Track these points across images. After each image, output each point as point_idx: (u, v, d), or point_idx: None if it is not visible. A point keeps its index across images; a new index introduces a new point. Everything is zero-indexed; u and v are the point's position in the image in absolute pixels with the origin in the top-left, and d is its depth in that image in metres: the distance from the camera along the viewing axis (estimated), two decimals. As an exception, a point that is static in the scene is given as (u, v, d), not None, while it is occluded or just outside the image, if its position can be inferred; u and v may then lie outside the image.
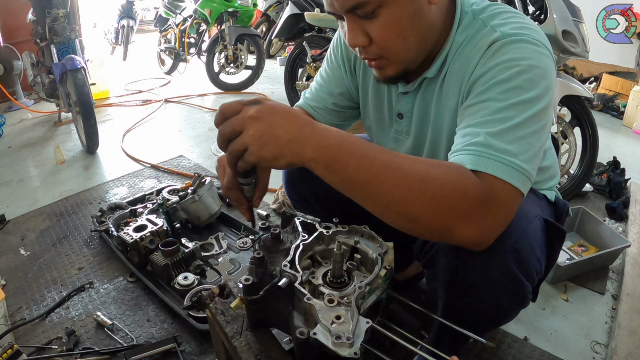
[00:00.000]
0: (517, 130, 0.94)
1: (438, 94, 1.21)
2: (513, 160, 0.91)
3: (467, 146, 0.96)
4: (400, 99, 1.32)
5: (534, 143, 0.96)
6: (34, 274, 2.18)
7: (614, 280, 2.22)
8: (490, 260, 1.01)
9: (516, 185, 0.91)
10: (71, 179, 3.24)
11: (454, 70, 1.14)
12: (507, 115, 0.95)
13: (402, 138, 1.39)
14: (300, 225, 1.20)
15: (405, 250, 1.99)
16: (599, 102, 5.61)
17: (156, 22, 6.86)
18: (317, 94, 1.51)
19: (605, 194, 3.15)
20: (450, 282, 1.09)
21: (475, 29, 1.11)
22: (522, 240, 1.05)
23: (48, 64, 3.94)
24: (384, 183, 0.88)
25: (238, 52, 5.48)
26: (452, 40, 1.14)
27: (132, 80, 6.12)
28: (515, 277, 1.04)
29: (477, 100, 1.02)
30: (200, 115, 4.78)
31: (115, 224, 2.30)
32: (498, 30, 1.05)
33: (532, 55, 1.00)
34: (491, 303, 1.08)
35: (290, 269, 1.02)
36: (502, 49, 1.02)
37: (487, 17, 1.11)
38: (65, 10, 3.66)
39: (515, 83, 0.97)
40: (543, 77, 0.99)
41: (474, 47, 1.09)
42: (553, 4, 2.80)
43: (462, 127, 1.02)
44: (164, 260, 2.00)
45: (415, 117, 1.30)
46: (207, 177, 2.50)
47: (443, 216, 0.88)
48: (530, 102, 0.96)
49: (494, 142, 0.93)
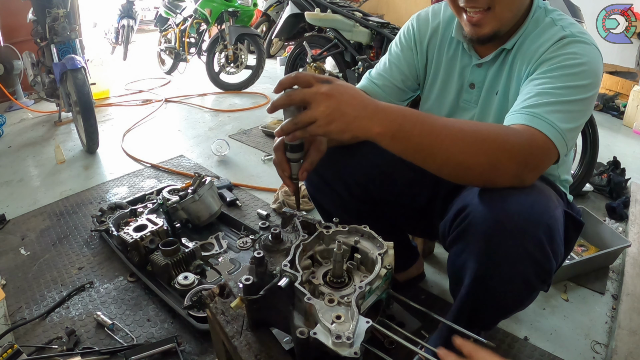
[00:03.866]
0: (567, 105, 1.14)
1: (510, 67, 1.37)
2: (556, 124, 1.10)
3: (523, 108, 1.16)
4: (474, 71, 1.47)
5: (577, 119, 1.16)
6: (34, 273, 2.18)
7: (614, 280, 2.22)
8: (527, 232, 1.08)
9: (554, 141, 1.10)
10: (71, 179, 3.24)
11: (525, 50, 1.32)
12: (561, 92, 1.15)
13: (470, 107, 1.51)
14: (301, 225, 1.20)
15: (407, 250, 2.01)
16: (599, 102, 5.61)
17: (156, 21, 6.85)
18: (386, 74, 1.62)
19: (606, 194, 3.15)
20: (486, 250, 1.12)
21: (546, 22, 1.32)
22: (553, 220, 1.12)
23: (48, 64, 3.93)
24: (443, 141, 1.05)
25: (238, 52, 5.48)
26: (528, 23, 1.34)
27: (132, 80, 6.12)
28: (546, 253, 1.11)
29: (541, 76, 1.21)
30: (200, 115, 4.78)
31: (115, 223, 2.30)
32: (567, 30, 1.26)
33: (591, 55, 1.21)
34: (521, 277, 1.14)
35: (291, 268, 1.02)
36: (570, 44, 1.22)
37: (556, 18, 1.32)
38: (66, 10, 3.65)
39: (574, 70, 1.18)
40: (595, 74, 1.20)
41: (545, 35, 1.28)
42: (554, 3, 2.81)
43: (524, 93, 1.21)
44: (164, 260, 2.00)
45: (485, 87, 1.45)
46: (207, 177, 2.50)
47: (492, 159, 1.06)
48: (582, 87, 1.17)
49: (545, 109, 1.13)
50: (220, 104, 5.21)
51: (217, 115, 4.80)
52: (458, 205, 1.21)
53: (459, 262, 1.22)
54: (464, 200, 1.19)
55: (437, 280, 2.16)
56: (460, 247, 1.20)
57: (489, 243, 1.11)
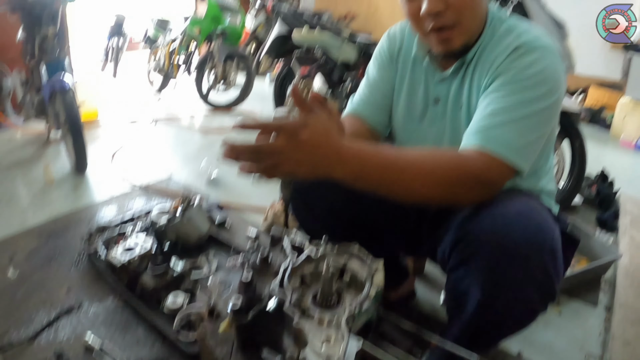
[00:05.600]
0: (523, 120, 1.19)
1: (470, 79, 1.39)
2: (512, 143, 1.17)
3: (478, 129, 1.22)
4: (437, 85, 1.49)
5: (535, 130, 1.22)
6: (22, 295, 2.16)
7: (607, 292, 2.24)
8: (532, 257, 1.11)
9: (511, 160, 1.17)
10: (60, 199, 3.22)
11: (484, 60, 1.35)
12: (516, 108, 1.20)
13: (438, 122, 1.52)
14: (290, 245, 1.20)
15: (397, 269, 2.02)
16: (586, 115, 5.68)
17: (145, 40, 6.87)
18: (368, 93, 1.66)
19: (595, 206, 3.20)
20: (492, 278, 1.14)
21: (502, 31, 1.35)
22: (555, 243, 1.16)
23: (37, 83, 3.93)
24: (404, 179, 1.12)
25: (227, 71, 5.51)
26: (485, 34, 1.37)
27: (122, 100, 6.10)
28: (549, 276, 1.15)
29: (497, 91, 1.26)
30: (189, 135, 4.79)
31: (104, 244, 2.29)
32: (523, 38, 1.29)
33: (547, 60, 1.24)
34: (525, 301, 1.17)
35: (280, 290, 1.02)
36: (525, 54, 1.25)
37: (512, 25, 1.36)
38: (55, 29, 3.66)
39: (530, 82, 1.22)
40: (553, 78, 1.23)
41: (502, 44, 1.31)
42: (538, 19, 2.86)
43: (480, 110, 1.27)
44: (153, 282, 1.98)
45: (450, 101, 1.46)
46: (197, 197, 2.49)
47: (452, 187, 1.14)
48: (539, 98, 1.21)
49: (500, 129, 1.19)
50: (210, 123, 5.22)
51: (206, 134, 4.80)
52: (458, 230, 1.23)
53: (461, 287, 1.23)
54: (465, 226, 1.21)
55: (429, 299, 2.16)
56: (463, 273, 1.21)
57: (494, 270, 1.13)
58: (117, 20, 7.09)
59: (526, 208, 1.19)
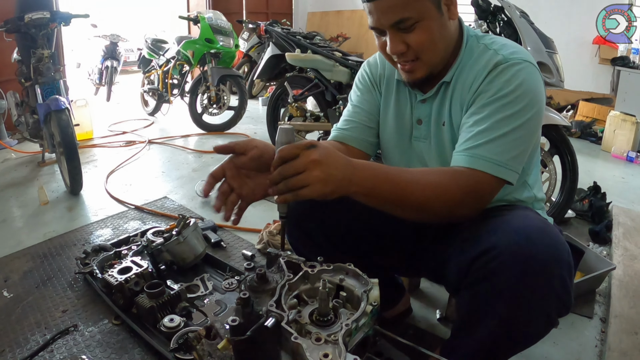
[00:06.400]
0: (506, 137, 1.26)
1: (451, 98, 1.44)
2: (497, 159, 1.25)
3: (465, 150, 1.29)
4: (419, 107, 1.54)
5: (520, 144, 1.28)
6: (17, 316, 2.16)
7: (602, 304, 2.25)
8: (553, 270, 1.15)
9: (498, 176, 1.25)
10: (55, 220, 3.22)
11: (464, 79, 1.41)
12: (498, 126, 1.27)
13: (423, 141, 1.56)
14: (285, 264, 1.22)
15: (392, 287, 2.03)
16: (577, 129, 5.75)
17: (139, 63, 6.91)
18: (352, 117, 1.68)
19: (588, 219, 3.23)
20: (516, 291, 1.17)
21: (480, 49, 1.41)
22: (570, 256, 1.20)
23: (32, 104, 3.95)
24: (407, 195, 1.21)
25: (221, 93, 5.55)
26: (463, 54, 1.43)
27: (116, 121, 6.14)
28: (567, 289, 1.19)
29: (479, 111, 1.32)
30: (184, 157, 4.81)
31: (99, 266, 2.29)
32: (500, 54, 1.35)
33: (524, 74, 1.30)
34: (545, 314, 1.21)
35: (277, 308, 1.03)
36: (503, 71, 1.31)
37: (489, 42, 1.41)
38: (50, 50, 3.70)
39: (509, 99, 1.28)
40: (532, 91, 1.29)
41: (480, 63, 1.37)
42: (526, 36, 2.91)
43: (464, 130, 1.34)
44: (150, 303, 1.99)
45: (432, 121, 1.51)
46: (192, 218, 2.50)
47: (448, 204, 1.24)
48: (519, 113, 1.27)
49: (484, 148, 1.26)
50: (204, 145, 5.25)
51: (200, 156, 4.83)
52: (477, 247, 1.24)
53: (477, 302, 1.25)
54: (485, 242, 1.22)
55: (425, 315, 2.17)
56: (484, 288, 1.22)
57: (519, 284, 1.15)
58: (111, 42, 7.13)
59: (541, 223, 1.23)
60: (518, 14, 3.02)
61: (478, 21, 3.31)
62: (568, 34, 6.46)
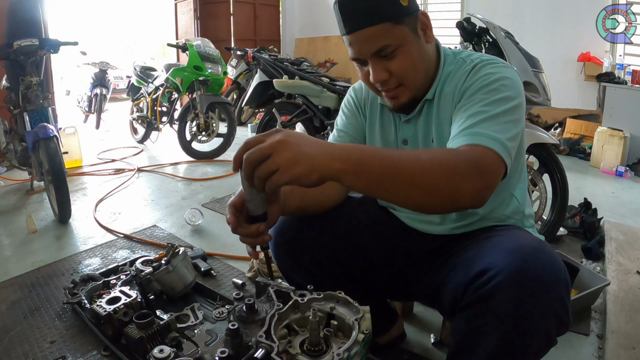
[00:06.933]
0: (498, 117, 1.27)
1: (436, 113, 1.48)
2: (496, 136, 1.21)
3: (462, 131, 1.26)
4: (403, 127, 1.57)
5: (511, 128, 1.27)
6: (4, 347, 2.13)
7: (598, 320, 2.26)
8: (552, 289, 1.15)
9: (499, 152, 1.20)
10: (43, 249, 3.20)
11: (446, 93, 1.45)
12: (489, 109, 1.28)
13: None
14: (275, 294, 1.22)
15: (385, 312, 2.03)
16: (565, 147, 5.82)
17: (128, 90, 6.93)
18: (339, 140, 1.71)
19: (580, 236, 3.25)
20: (516, 311, 1.15)
21: (458, 63, 1.47)
22: (566, 274, 1.20)
23: (21, 132, 3.96)
24: (404, 171, 1.09)
25: (209, 120, 5.56)
26: (442, 71, 1.48)
27: (105, 149, 6.15)
28: (565, 308, 1.19)
29: (466, 102, 1.34)
30: (173, 184, 4.80)
31: (88, 296, 2.27)
32: (477, 59, 1.42)
33: (504, 72, 1.36)
34: (545, 333, 1.19)
35: (266, 339, 1.03)
36: (482, 68, 1.38)
37: (465, 56, 1.47)
38: (39, 78, 3.70)
39: (493, 87, 1.32)
40: (513, 85, 1.34)
41: (460, 73, 1.43)
42: (512, 57, 2.96)
43: (457, 120, 1.33)
44: (139, 333, 1.97)
45: (419, 139, 1.54)
46: (181, 247, 2.49)
47: (450, 181, 1.11)
48: (505, 99, 1.30)
49: (482, 126, 1.25)
50: (193, 172, 5.25)
51: (189, 184, 4.82)
52: (473, 268, 1.24)
53: (475, 325, 1.23)
54: (482, 263, 1.23)
55: (419, 339, 2.17)
56: (481, 311, 1.21)
57: (518, 306, 1.15)
58: (101, 70, 7.15)
59: (535, 242, 1.24)
60: (503, 35, 3.07)
61: (464, 43, 3.37)
62: (553, 52, 6.57)
